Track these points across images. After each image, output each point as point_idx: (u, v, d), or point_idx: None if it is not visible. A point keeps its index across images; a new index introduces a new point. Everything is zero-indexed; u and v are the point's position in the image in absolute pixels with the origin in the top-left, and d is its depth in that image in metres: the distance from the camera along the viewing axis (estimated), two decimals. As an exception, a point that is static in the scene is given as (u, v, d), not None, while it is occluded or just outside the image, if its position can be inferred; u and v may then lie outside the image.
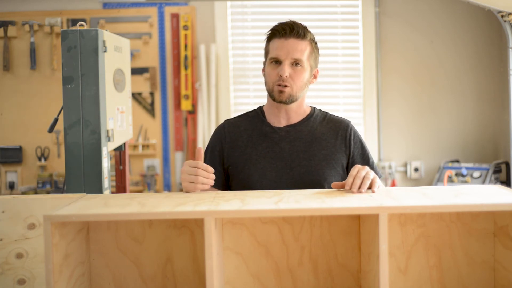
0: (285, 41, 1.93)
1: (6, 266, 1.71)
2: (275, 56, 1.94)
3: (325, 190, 1.68)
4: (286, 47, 1.92)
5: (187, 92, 4.27)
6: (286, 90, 1.93)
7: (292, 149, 1.97)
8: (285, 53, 1.92)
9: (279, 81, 1.93)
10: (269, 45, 1.97)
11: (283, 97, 1.94)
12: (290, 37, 1.92)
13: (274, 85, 1.94)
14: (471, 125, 4.34)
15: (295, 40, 1.93)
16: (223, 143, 2.02)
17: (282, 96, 1.94)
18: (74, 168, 2.27)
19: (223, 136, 2.02)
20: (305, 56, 1.94)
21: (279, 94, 1.94)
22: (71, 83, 2.27)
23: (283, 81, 1.92)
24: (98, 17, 4.26)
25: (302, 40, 1.93)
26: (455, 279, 1.65)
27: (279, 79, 1.93)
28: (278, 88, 1.94)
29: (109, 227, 1.64)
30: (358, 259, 1.66)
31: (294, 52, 1.92)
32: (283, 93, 1.93)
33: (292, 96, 1.94)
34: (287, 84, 1.92)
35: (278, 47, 1.93)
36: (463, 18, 4.30)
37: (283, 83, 1.92)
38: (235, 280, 1.65)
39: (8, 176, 4.20)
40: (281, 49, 1.93)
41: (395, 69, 4.34)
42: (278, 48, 1.93)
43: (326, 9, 4.39)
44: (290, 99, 1.95)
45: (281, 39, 1.93)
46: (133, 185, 4.26)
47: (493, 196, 1.53)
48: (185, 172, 1.76)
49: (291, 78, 1.93)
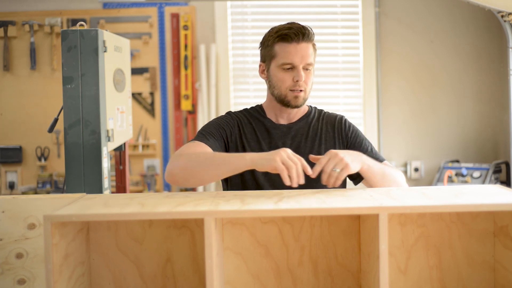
0: (297, 46, 1.91)
1: (6, 266, 1.71)
2: (289, 61, 1.92)
3: (325, 190, 1.68)
4: (300, 52, 1.91)
5: (187, 92, 4.27)
6: (301, 95, 1.94)
7: (293, 145, 1.98)
8: (300, 58, 1.91)
9: (295, 87, 1.92)
10: (276, 49, 1.94)
11: (298, 102, 1.94)
12: (302, 41, 1.91)
13: (288, 91, 1.94)
14: (471, 125, 4.34)
15: (305, 43, 1.92)
16: (231, 129, 1.99)
17: (298, 101, 1.94)
18: (74, 168, 2.27)
19: (233, 123, 2.00)
20: (313, 58, 1.95)
21: (294, 99, 1.94)
22: (71, 83, 2.27)
23: (299, 86, 1.92)
24: (98, 17, 4.26)
25: (309, 43, 1.94)
26: (455, 279, 1.65)
27: (294, 85, 1.92)
28: (293, 94, 1.93)
29: (109, 227, 1.64)
30: (358, 259, 1.66)
31: (307, 57, 1.92)
32: (298, 98, 1.94)
33: (305, 100, 1.96)
34: (302, 89, 1.93)
35: (292, 52, 1.91)
36: (463, 18, 4.30)
37: (299, 88, 1.92)
38: (235, 280, 1.65)
39: (8, 176, 4.20)
40: (295, 54, 1.91)
41: (395, 69, 4.34)
42: (292, 53, 1.91)
43: (326, 9, 4.39)
44: (303, 103, 1.97)
45: (293, 44, 1.91)
46: (133, 185, 4.26)
47: (493, 196, 1.53)
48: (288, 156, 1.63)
49: (304, 82, 1.93)
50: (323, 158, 1.66)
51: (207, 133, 1.93)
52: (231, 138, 1.98)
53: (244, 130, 1.99)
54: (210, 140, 1.90)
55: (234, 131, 1.99)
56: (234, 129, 1.99)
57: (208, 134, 1.93)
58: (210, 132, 1.94)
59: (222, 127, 1.97)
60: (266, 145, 1.98)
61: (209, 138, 1.91)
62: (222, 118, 2.01)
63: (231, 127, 1.99)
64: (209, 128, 1.96)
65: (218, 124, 1.98)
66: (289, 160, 1.60)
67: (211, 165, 1.73)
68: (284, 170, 1.59)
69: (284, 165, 1.60)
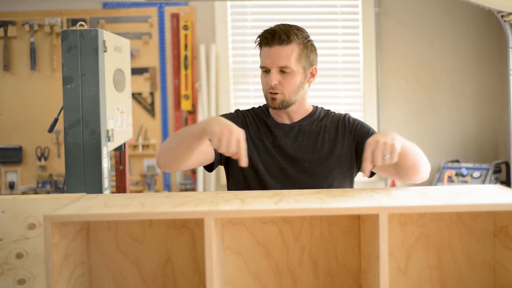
0: (269, 49, 1.92)
1: (6, 266, 1.71)
2: (263, 65, 1.95)
3: (325, 190, 1.68)
4: (272, 56, 1.92)
5: (187, 92, 4.27)
6: (278, 97, 1.94)
7: (295, 143, 1.98)
8: (271, 61, 1.92)
9: (270, 90, 1.94)
10: (260, 53, 1.98)
11: (275, 103, 1.95)
12: (273, 45, 1.91)
13: (267, 93, 1.96)
14: (471, 125, 4.34)
15: (278, 47, 1.91)
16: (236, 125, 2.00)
17: (275, 103, 1.95)
18: (74, 168, 2.27)
19: (237, 121, 2.01)
20: (292, 60, 1.92)
21: (272, 101, 1.96)
22: (71, 83, 2.27)
23: (273, 89, 1.93)
24: (98, 17, 4.26)
25: (287, 45, 1.91)
26: (455, 279, 1.65)
27: (270, 88, 1.94)
28: (270, 96, 1.95)
29: (109, 227, 1.64)
30: (358, 259, 1.66)
31: (279, 60, 1.91)
32: (275, 100, 1.95)
33: (285, 102, 1.95)
34: (277, 91, 1.93)
35: (264, 55, 1.94)
36: (463, 18, 4.30)
37: (273, 91, 1.93)
38: (235, 280, 1.65)
39: (8, 176, 4.20)
40: (267, 58, 1.93)
41: (395, 69, 4.34)
42: (264, 57, 1.94)
43: (326, 9, 4.39)
44: (284, 105, 1.96)
45: (266, 48, 1.93)
46: (133, 185, 4.26)
47: (493, 196, 1.53)
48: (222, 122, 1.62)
49: (281, 85, 1.93)
50: (367, 152, 1.59)
51: None
52: None
53: (248, 128, 2.01)
54: None
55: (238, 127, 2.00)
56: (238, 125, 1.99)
57: None
58: None
59: None
60: (269, 143, 1.99)
61: None
62: (227, 115, 2.03)
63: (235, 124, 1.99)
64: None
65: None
66: (225, 128, 1.59)
67: (180, 140, 1.77)
68: (216, 135, 1.58)
69: (219, 132, 1.58)
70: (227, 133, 1.58)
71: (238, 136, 1.59)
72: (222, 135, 1.57)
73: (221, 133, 1.58)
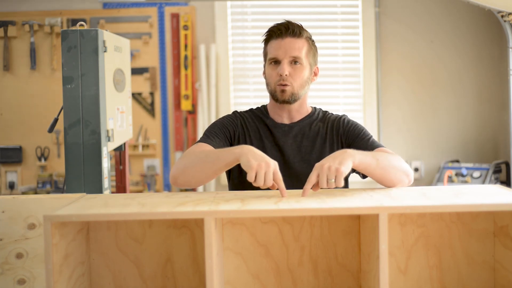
0: (282, 41, 1.95)
1: (6, 266, 1.71)
2: (274, 56, 1.96)
3: (325, 190, 1.68)
4: (284, 46, 1.94)
5: (187, 92, 4.27)
6: (288, 89, 1.95)
7: (294, 144, 1.99)
8: (283, 52, 1.94)
9: (280, 81, 1.95)
10: (267, 47, 2.00)
11: (285, 96, 1.95)
12: (286, 36, 1.95)
13: (276, 85, 1.96)
14: (471, 125, 4.34)
15: (291, 38, 1.95)
16: (235, 128, 2.01)
17: (285, 95, 1.95)
18: (74, 168, 2.27)
19: (236, 123, 2.02)
20: (303, 53, 1.96)
21: (281, 93, 1.96)
22: (71, 83, 2.27)
23: (283, 80, 1.94)
24: (98, 17, 4.25)
25: (298, 38, 1.96)
26: (455, 279, 1.65)
27: (279, 79, 1.95)
28: (279, 88, 1.95)
29: (109, 227, 1.64)
30: (358, 259, 1.66)
31: (292, 50, 1.94)
32: (285, 92, 1.95)
33: (294, 95, 1.96)
34: (287, 83, 1.94)
35: (275, 47, 1.96)
36: (463, 18, 4.30)
37: (283, 82, 1.94)
38: (235, 280, 1.65)
39: (8, 176, 4.20)
40: (279, 49, 1.95)
41: (395, 69, 4.34)
42: (276, 48, 1.96)
43: (326, 9, 4.39)
44: (293, 98, 1.96)
45: (278, 39, 1.96)
46: (133, 185, 4.26)
47: (493, 196, 1.53)
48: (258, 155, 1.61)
49: (291, 76, 1.94)
50: (312, 175, 1.61)
51: (211, 134, 1.96)
52: (235, 137, 2.00)
53: (248, 129, 2.02)
54: (214, 140, 1.92)
55: (237, 129, 2.01)
56: (237, 128, 2.02)
57: (212, 134, 1.96)
58: (214, 133, 1.97)
59: (226, 126, 2.00)
60: (269, 143, 2.00)
61: (213, 138, 1.94)
62: (226, 118, 2.04)
63: (234, 126, 2.01)
64: (213, 129, 1.99)
65: (222, 123, 2.01)
66: (262, 161, 1.58)
67: (207, 163, 1.75)
68: (253, 169, 1.57)
69: (257, 166, 1.58)
70: (265, 167, 1.58)
71: (275, 169, 1.59)
72: (259, 169, 1.57)
73: (258, 166, 1.58)
